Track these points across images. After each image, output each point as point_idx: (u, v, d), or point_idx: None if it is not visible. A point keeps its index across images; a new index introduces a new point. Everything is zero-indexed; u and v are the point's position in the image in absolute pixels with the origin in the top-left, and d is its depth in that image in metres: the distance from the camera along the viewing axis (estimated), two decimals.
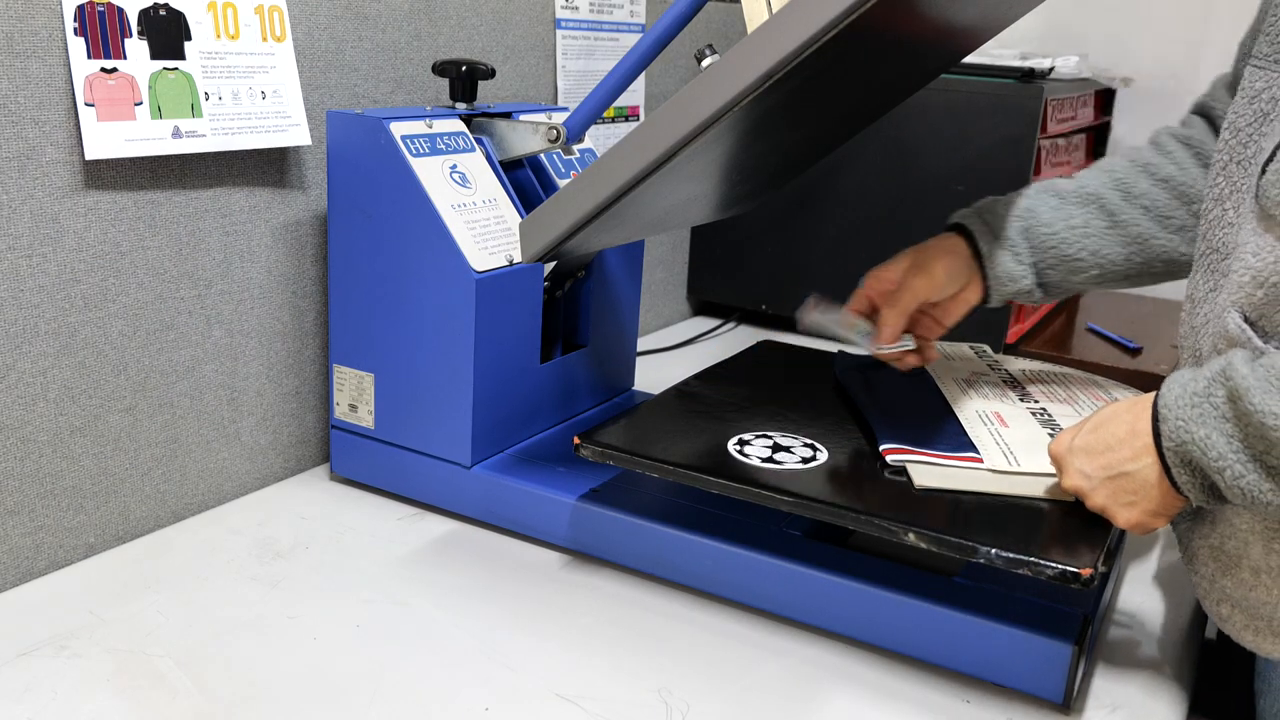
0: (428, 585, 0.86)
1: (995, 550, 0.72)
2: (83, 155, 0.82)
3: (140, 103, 0.84)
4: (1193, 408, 0.68)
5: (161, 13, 0.85)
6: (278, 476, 1.04)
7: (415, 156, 0.92)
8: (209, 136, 0.89)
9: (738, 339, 1.59)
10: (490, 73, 1.02)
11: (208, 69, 0.89)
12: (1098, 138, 1.80)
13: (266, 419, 1.02)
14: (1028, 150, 1.37)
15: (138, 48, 0.84)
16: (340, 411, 1.01)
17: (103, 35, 0.81)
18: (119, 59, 0.83)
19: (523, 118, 1.03)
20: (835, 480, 0.82)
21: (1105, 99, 1.78)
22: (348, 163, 0.94)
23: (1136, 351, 1.34)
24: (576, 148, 1.10)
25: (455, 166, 0.95)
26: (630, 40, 1.41)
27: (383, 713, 0.71)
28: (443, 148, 0.95)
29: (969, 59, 1.43)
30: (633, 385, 1.19)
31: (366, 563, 0.89)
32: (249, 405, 1.00)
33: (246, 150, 0.94)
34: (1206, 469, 0.68)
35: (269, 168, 0.97)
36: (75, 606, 0.80)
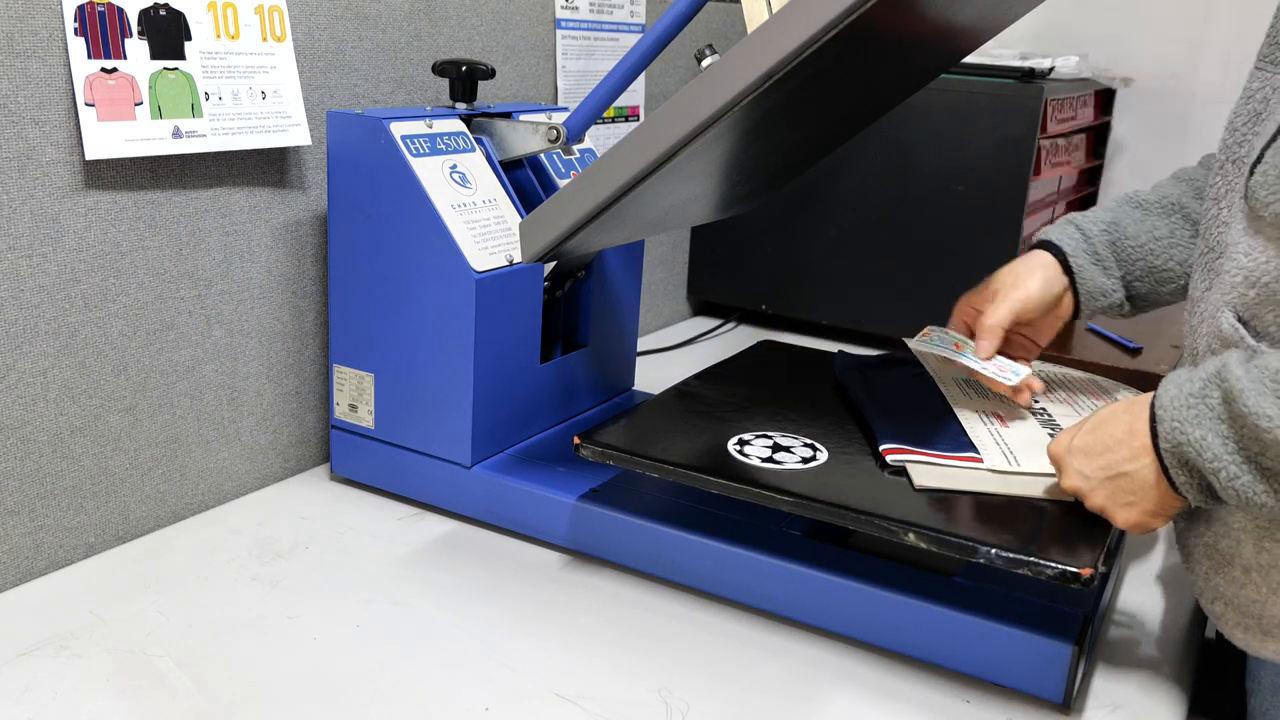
0: (428, 585, 0.86)
1: (995, 550, 0.72)
2: (83, 155, 0.82)
3: (140, 103, 0.84)
4: (1188, 409, 0.68)
5: (161, 13, 0.85)
6: (278, 476, 1.04)
7: (415, 156, 0.92)
8: (209, 136, 0.89)
9: (738, 339, 1.59)
10: (490, 73, 1.02)
11: (208, 69, 0.89)
12: (1098, 138, 1.80)
13: (266, 419, 1.02)
14: (1028, 150, 1.37)
15: (138, 48, 0.84)
16: (340, 411, 1.01)
17: (103, 35, 0.81)
18: (119, 59, 0.83)
19: (523, 118, 1.03)
20: (835, 480, 0.82)
21: (1105, 99, 1.79)
22: (348, 163, 0.94)
23: (1136, 351, 1.34)
24: (576, 148, 1.10)
25: (455, 166, 0.95)
26: (630, 40, 1.41)
27: (383, 713, 0.71)
28: (443, 148, 0.95)
29: (969, 59, 1.43)
30: (633, 385, 1.19)
31: (366, 563, 0.89)
32: (249, 405, 1.00)
33: (246, 150, 0.94)
34: (1202, 470, 0.68)
35: (269, 168, 0.97)
36: (75, 606, 0.80)
